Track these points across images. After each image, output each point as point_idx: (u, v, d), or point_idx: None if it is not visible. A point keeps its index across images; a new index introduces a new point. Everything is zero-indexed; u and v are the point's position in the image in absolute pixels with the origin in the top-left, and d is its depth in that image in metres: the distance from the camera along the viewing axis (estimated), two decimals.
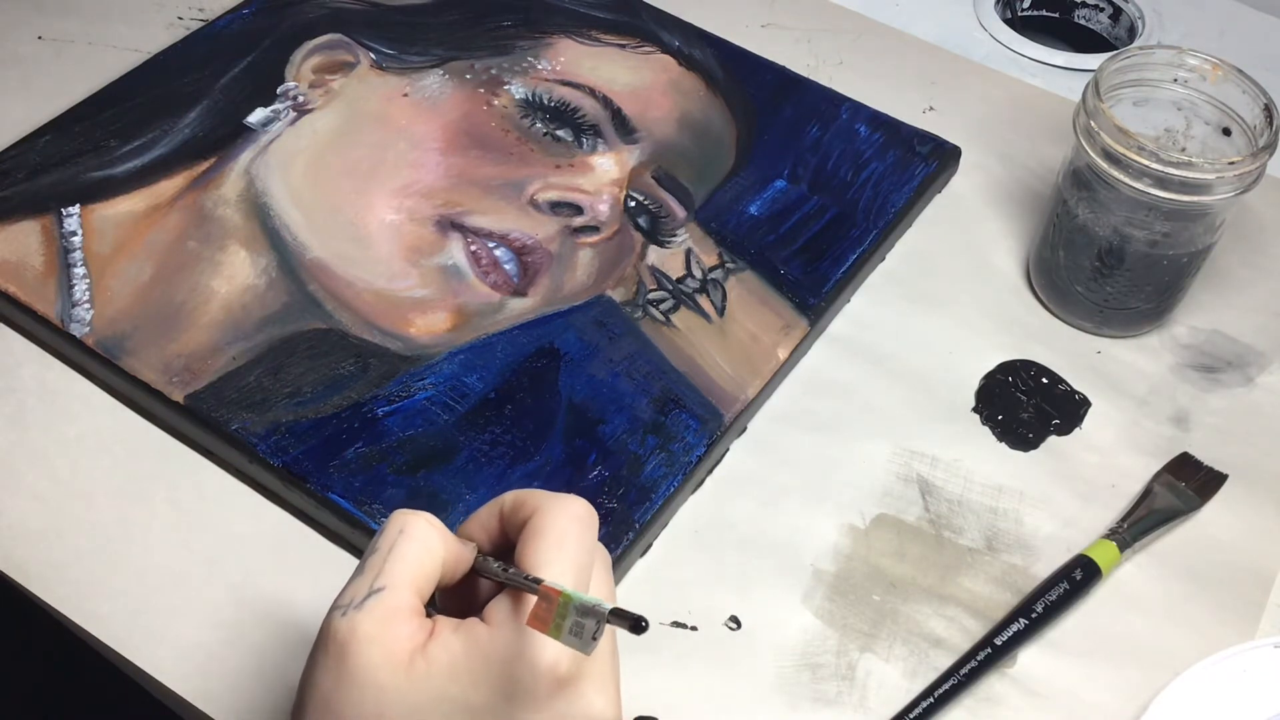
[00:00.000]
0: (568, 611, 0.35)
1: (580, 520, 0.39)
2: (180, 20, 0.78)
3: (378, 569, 0.38)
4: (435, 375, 0.59)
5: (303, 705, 0.38)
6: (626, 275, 0.64)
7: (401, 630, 0.37)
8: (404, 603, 0.37)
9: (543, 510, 0.39)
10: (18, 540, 0.54)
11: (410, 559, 0.38)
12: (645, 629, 0.34)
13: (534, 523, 0.39)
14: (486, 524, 0.41)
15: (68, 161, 0.66)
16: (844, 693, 0.52)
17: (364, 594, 0.37)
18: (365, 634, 0.36)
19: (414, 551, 0.38)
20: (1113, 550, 0.55)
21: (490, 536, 0.41)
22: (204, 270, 0.62)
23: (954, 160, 0.72)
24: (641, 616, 0.34)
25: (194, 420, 0.57)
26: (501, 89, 0.72)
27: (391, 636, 0.36)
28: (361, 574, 0.38)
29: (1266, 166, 0.58)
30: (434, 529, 0.39)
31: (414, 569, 0.38)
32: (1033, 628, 0.53)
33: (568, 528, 0.39)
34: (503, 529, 0.41)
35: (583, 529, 0.39)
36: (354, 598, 0.37)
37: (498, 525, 0.41)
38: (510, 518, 0.41)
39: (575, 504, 0.39)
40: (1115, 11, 0.84)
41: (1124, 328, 0.65)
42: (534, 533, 0.39)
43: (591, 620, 0.35)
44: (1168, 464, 0.59)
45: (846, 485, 0.58)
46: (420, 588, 0.38)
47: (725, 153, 0.70)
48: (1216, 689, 0.51)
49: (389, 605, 0.37)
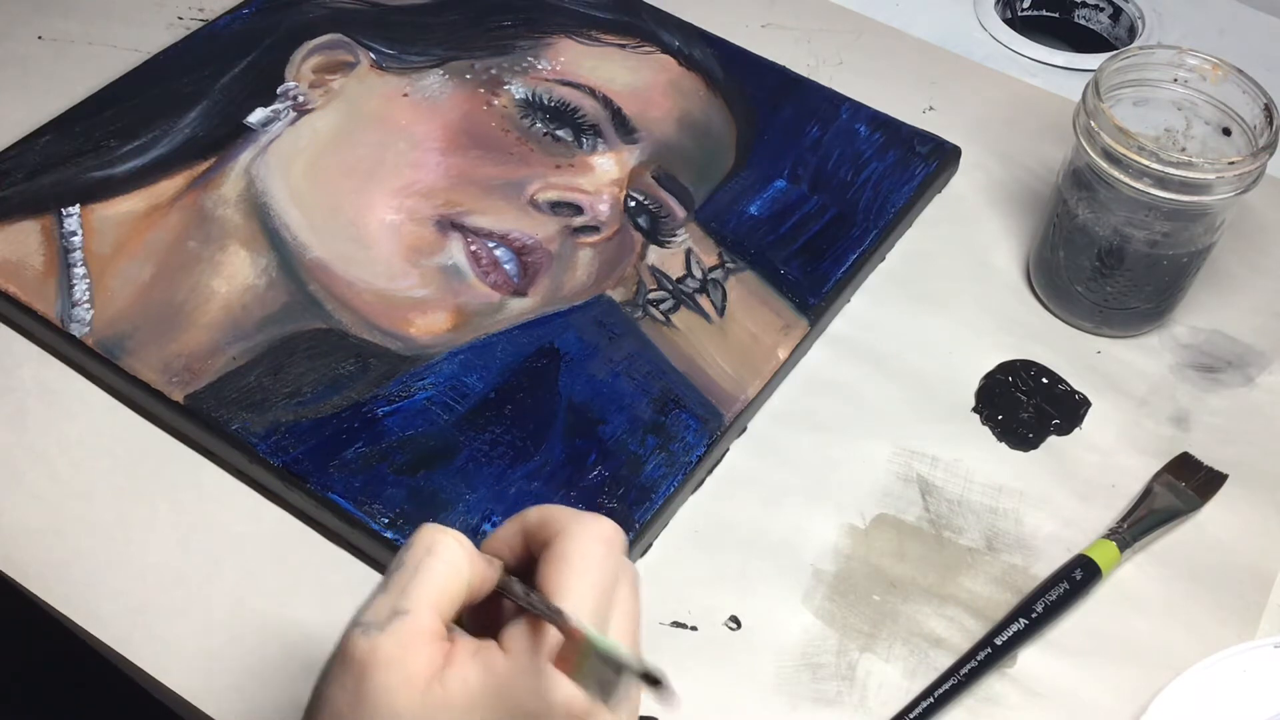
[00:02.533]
0: (589, 653, 0.34)
1: (605, 542, 0.38)
2: (180, 20, 0.78)
3: (402, 588, 0.37)
4: (435, 375, 0.59)
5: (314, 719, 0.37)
6: (626, 275, 0.64)
7: (422, 655, 0.36)
8: (427, 626, 0.37)
9: (567, 534, 0.38)
10: (18, 540, 0.54)
11: (436, 581, 0.37)
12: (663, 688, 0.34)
13: (557, 546, 0.38)
14: (510, 540, 0.41)
15: (68, 161, 0.66)
16: (844, 693, 0.52)
17: (387, 614, 0.36)
18: (386, 656, 0.36)
19: (440, 573, 0.37)
20: (1113, 550, 0.55)
21: (514, 553, 0.41)
22: (204, 270, 0.62)
23: (954, 160, 0.72)
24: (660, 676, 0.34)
25: (194, 420, 0.57)
26: (501, 89, 0.72)
27: (412, 660, 0.36)
28: (385, 591, 0.37)
29: (1266, 166, 0.58)
30: (462, 549, 0.38)
31: (439, 592, 0.37)
32: (1033, 627, 0.53)
33: (591, 551, 0.38)
34: (526, 545, 0.40)
35: (607, 552, 0.38)
36: (377, 616, 0.37)
37: (521, 542, 0.40)
38: (534, 536, 0.40)
39: (601, 525, 0.38)
40: (1115, 11, 0.84)
41: (1124, 328, 0.65)
42: (557, 557, 0.38)
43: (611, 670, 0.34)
44: (1168, 464, 0.59)
45: (846, 485, 0.58)
46: (444, 611, 0.37)
47: (725, 153, 0.70)
48: (1216, 689, 0.51)
49: (412, 629, 0.36)
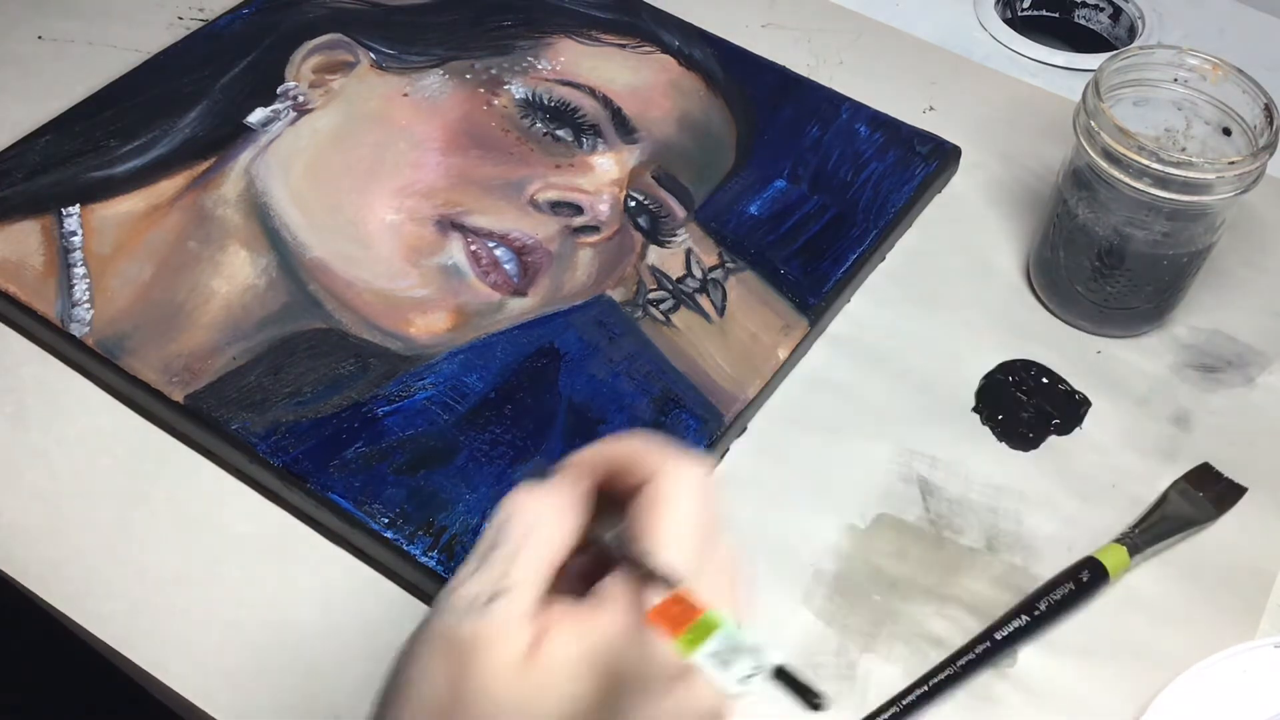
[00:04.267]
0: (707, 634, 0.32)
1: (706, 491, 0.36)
2: (180, 20, 0.78)
3: (504, 568, 0.35)
4: (435, 375, 0.59)
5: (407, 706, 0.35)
6: (626, 275, 0.64)
7: (524, 635, 0.34)
8: (529, 606, 0.35)
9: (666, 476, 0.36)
10: (18, 540, 0.54)
11: (538, 561, 0.35)
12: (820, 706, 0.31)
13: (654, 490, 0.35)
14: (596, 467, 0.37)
15: (68, 161, 0.66)
16: (844, 693, 0.52)
17: (488, 595, 0.35)
18: (487, 639, 0.34)
19: (542, 554, 0.35)
20: (1123, 555, 0.55)
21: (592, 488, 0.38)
22: (204, 270, 0.62)
23: (954, 160, 0.72)
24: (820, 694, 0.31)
25: (194, 420, 0.57)
26: (501, 89, 0.72)
27: (514, 642, 0.34)
28: (486, 568, 0.35)
29: (1266, 166, 0.58)
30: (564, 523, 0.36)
31: (544, 570, 0.35)
32: (1034, 626, 0.53)
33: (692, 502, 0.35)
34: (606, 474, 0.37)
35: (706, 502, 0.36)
36: (477, 598, 0.35)
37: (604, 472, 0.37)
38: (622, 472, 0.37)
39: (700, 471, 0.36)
40: (1115, 11, 0.84)
41: (1124, 328, 0.65)
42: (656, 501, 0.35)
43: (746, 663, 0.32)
44: (1187, 473, 0.59)
45: (846, 485, 0.58)
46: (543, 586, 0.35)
47: (725, 153, 0.70)
48: (1216, 689, 0.51)
49: (515, 611, 0.34)
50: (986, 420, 0.61)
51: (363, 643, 0.52)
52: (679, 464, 0.36)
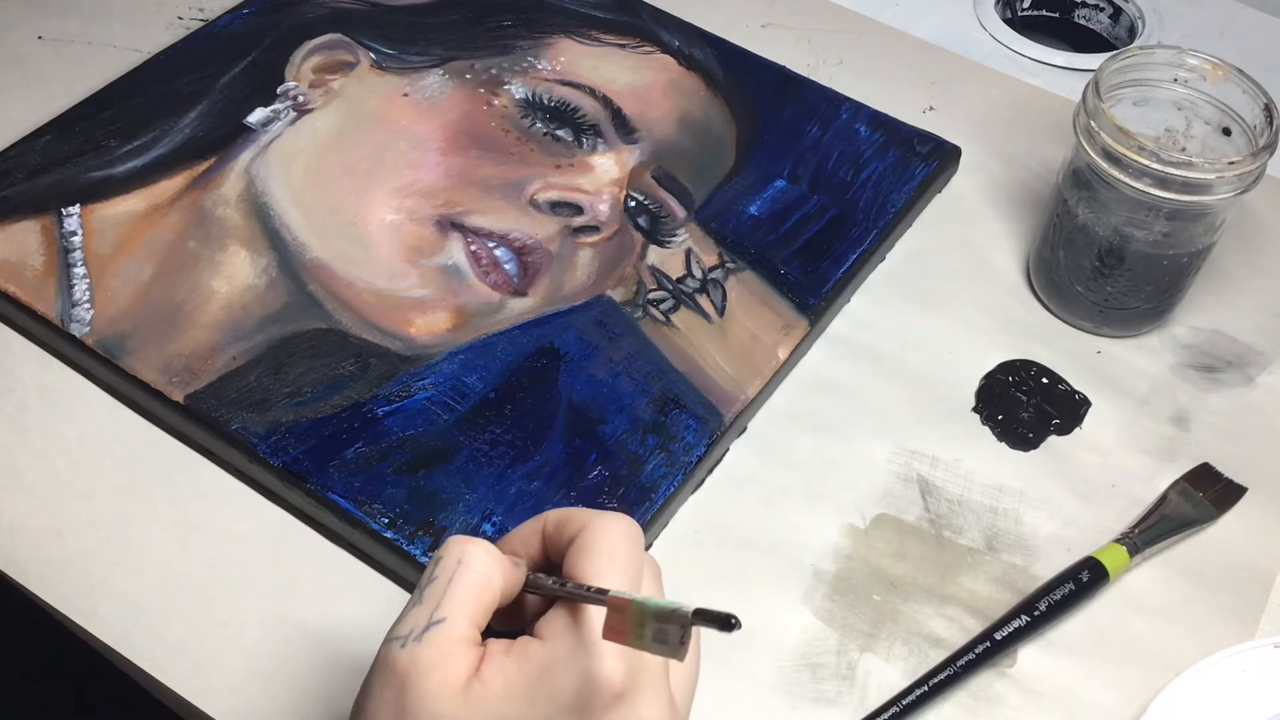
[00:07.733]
0: (645, 619, 0.35)
1: (628, 535, 0.40)
2: (180, 20, 0.78)
3: (437, 600, 0.38)
4: (435, 375, 0.59)
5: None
6: (626, 275, 0.64)
7: (461, 660, 0.37)
8: (463, 634, 0.38)
9: (591, 527, 0.40)
10: (18, 540, 0.54)
11: (470, 590, 0.38)
12: (736, 626, 0.33)
13: (583, 539, 0.39)
14: (527, 541, 0.42)
15: (68, 161, 0.66)
16: (844, 693, 0.52)
17: (424, 625, 0.37)
18: (426, 665, 0.37)
19: (473, 582, 0.38)
20: (1122, 555, 0.55)
21: (531, 555, 0.42)
22: (204, 270, 0.62)
23: (954, 160, 0.72)
24: (730, 615, 0.33)
25: (194, 420, 0.57)
26: (501, 89, 0.72)
27: (451, 666, 0.37)
28: (420, 604, 0.38)
29: (1266, 166, 0.58)
30: (492, 558, 0.39)
31: (473, 600, 0.38)
32: (1034, 625, 0.53)
33: (617, 542, 0.39)
34: (544, 548, 0.42)
35: (631, 543, 0.40)
36: (414, 628, 0.38)
37: (539, 544, 0.42)
38: (555, 536, 0.41)
39: (622, 519, 0.40)
40: (1115, 11, 0.84)
41: (1124, 328, 0.65)
42: (584, 548, 0.39)
43: (675, 626, 0.34)
44: (1187, 473, 0.59)
45: (846, 485, 0.58)
46: (478, 618, 0.38)
47: (725, 153, 0.70)
48: (1216, 689, 0.51)
49: (449, 636, 0.37)
50: (986, 420, 0.61)
51: (362, 643, 0.52)
52: (604, 516, 0.40)
